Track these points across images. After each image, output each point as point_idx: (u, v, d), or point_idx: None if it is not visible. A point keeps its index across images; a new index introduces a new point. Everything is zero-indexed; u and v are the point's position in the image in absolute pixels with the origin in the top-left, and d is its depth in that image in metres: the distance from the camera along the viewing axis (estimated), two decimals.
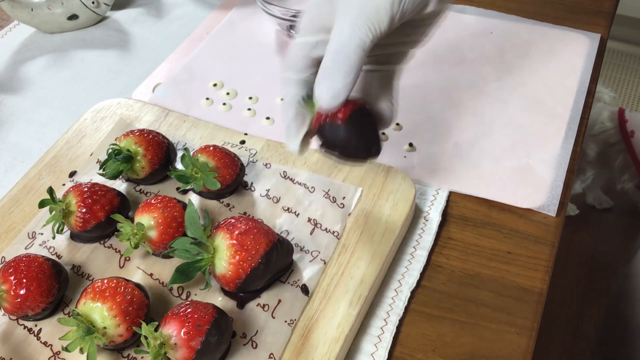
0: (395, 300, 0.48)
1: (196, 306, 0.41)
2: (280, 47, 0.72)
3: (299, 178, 0.54)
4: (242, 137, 0.58)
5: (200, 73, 0.68)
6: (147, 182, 0.54)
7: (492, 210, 0.54)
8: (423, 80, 0.66)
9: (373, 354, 0.45)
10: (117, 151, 0.51)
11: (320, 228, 0.50)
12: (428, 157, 0.58)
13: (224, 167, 0.50)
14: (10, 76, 0.70)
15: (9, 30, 0.77)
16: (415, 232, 0.52)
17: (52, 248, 0.49)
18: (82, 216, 0.47)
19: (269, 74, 0.68)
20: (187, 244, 0.43)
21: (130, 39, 0.75)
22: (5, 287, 0.43)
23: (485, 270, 0.50)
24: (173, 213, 0.47)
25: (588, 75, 0.66)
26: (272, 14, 0.69)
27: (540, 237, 0.52)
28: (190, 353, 0.39)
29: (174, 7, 0.80)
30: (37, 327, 0.45)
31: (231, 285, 0.44)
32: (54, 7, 0.73)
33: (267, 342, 0.43)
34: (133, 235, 0.45)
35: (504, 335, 0.46)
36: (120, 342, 0.41)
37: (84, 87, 0.68)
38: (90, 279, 0.47)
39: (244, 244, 0.43)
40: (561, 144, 0.59)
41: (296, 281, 0.46)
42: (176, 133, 0.59)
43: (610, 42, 0.75)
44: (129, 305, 0.41)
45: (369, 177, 0.53)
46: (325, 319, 0.44)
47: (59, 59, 0.72)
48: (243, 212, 0.51)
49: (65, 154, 0.57)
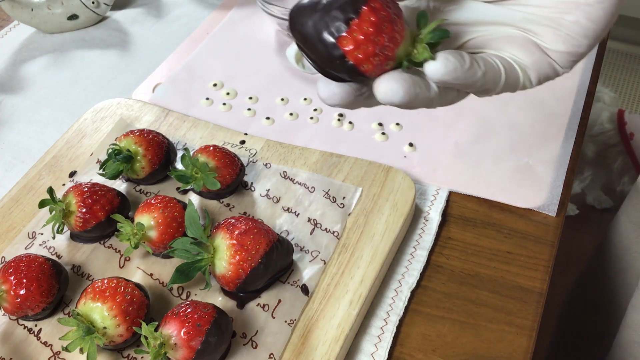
0: (395, 300, 0.48)
1: (196, 306, 0.41)
2: (280, 47, 0.72)
3: (298, 178, 0.54)
4: (242, 137, 0.58)
5: (200, 73, 0.68)
6: (147, 182, 0.54)
7: (492, 210, 0.54)
8: None
9: (373, 354, 0.45)
10: (117, 151, 0.51)
11: (320, 228, 0.50)
12: (428, 157, 0.58)
13: (224, 167, 0.50)
14: (10, 76, 0.70)
15: (9, 30, 0.77)
16: (415, 232, 0.52)
17: (52, 248, 0.49)
18: (82, 216, 0.47)
19: (269, 74, 0.68)
20: (187, 244, 0.43)
21: (130, 39, 0.75)
22: (5, 287, 0.43)
23: (485, 270, 0.50)
24: (173, 213, 0.47)
25: (588, 75, 0.66)
26: (272, 14, 0.69)
27: (540, 237, 0.52)
28: (190, 353, 0.39)
29: (174, 7, 0.80)
30: (37, 327, 0.45)
31: (231, 285, 0.44)
32: (54, 7, 0.73)
33: (267, 342, 0.43)
34: (133, 235, 0.45)
35: (504, 335, 0.46)
36: (120, 342, 0.41)
37: (84, 87, 0.68)
38: (90, 279, 0.47)
39: (244, 244, 0.43)
40: (561, 144, 0.59)
41: (296, 281, 0.46)
42: (176, 133, 0.59)
43: (610, 42, 0.75)
44: (129, 305, 0.41)
45: (369, 177, 0.53)
46: (325, 319, 0.44)
47: (59, 59, 0.72)
48: (243, 212, 0.51)
49: (65, 154, 0.57)
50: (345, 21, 0.31)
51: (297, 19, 0.32)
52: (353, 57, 0.31)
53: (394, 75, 0.32)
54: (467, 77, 0.32)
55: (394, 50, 0.31)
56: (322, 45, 0.31)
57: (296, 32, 0.32)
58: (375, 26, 0.30)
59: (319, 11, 0.31)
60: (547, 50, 0.34)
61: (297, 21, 0.32)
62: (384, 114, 0.62)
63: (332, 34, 0.31)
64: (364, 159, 0.54)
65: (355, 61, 0.31)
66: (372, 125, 0.61)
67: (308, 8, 0.32)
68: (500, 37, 0.35)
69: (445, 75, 0.31)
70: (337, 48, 0.31)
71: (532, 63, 0.34)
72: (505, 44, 0.35)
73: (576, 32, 0.33)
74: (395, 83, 0.31)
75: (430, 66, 0.32)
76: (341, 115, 0.63)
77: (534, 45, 0.34)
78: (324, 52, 0.31)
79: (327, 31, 0.31)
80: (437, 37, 0.32)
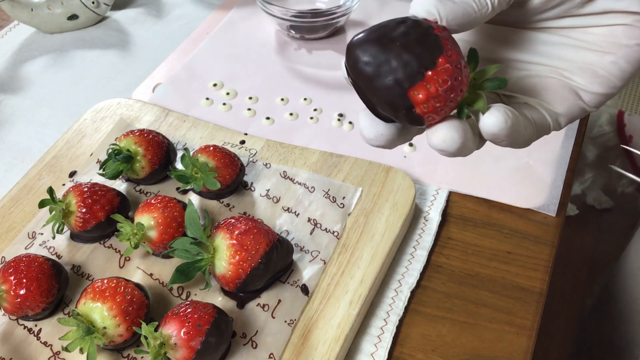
0: (395, 300, 0.48)
1: (196, 306, 0.41)
2: (280, 47, 0.72)
3: (298, 178, 0.54)
4: (242, 137, 0.58)
5: (200, 73, 0.68)
6: (147, 182, 0.54)
7: (492, 210, 0.54)
8: None
9: (373, 354, 0.45)
10: (117, 151, 0.51)
11: (320, 228, 0.50)
12: (428, 157, 0.58)
13: (224, 167, 0.50)
14: (10, 76, 0.70)
15: (9, 30, 0.77)
16: (415, 232, 0.52)
17: (52, 248, 0.49)
18: (82, 216, 0.47)
19: (269, 74, 0.68)
20: (187, 244, 0.43)
21: (130, 39, 0.75)
22: (5, 287, 0.43)
23: (485, 270, 0.50)
24: (173, 213, 0.47)
25: None
26: (272, 14, 0.69)
27: (540, 237, 0.52)
28: (190, 353, 0.39)
29: (174, 7, 0.80)
30: (37, 327, 0.45)
31: (231, 285, 0.44)
32: (54, 7, 0.73)
33: (267, 342, 0.43)
34: (133, 235, 0.45)
35: (504, 335, 0.46)
36: (120, 342, 0.41)
37: (84, 87, 0.68)
38: (90, 279, 0.47)
39: (244, 244, 0.43)
40: (561, 143, 0.59)
41: (296, 281, 0.46)
42: (176, 133, 0.59)
43: None
44: (129, 305, 0.41)
45: (369, 177, 0.53)
46: (325, 318, 0.44)
47: (59, 59, 0.72)
48: (243, 212, 0.51)
49: (65, 154, 0.57)
50: (420, 71, 0.28)
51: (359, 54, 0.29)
52: (420, 108, 0.29)
53: (454, 124, 0.30)
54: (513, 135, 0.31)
55: (458, 101, 0.30)
56: (387, 91, 0.28)
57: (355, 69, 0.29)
58: (450, 79, 0.28)
59: (388, 51, 0.28)
60: (580, 91, 0.34)
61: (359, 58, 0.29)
62: None
63: (403, 83, 0.28)
64: (364, 159, 0.54)
65: (421, 112, 0.29)
66: None
67: (373, 43, 0.29)
68: (536, 80, 0.34)
69: (500, 131, 0.30)
70: (407, 99, 0.28)
71: (565, 110, 0.34)
72: (541, 89, 0.34)
73: (613, 74, 0.33)
74: (456, 132, 0.30)
75: (487, 121, 0.30)
76: (341, 115, 0.63)
77: (568, 90, 0.34)
78: (388, 98, 0.29)
79: (398, 78, 0.28)
80: (495, 87, 0.30)
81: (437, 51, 0.28)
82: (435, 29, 0.29)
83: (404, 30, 0.28)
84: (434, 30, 0.28)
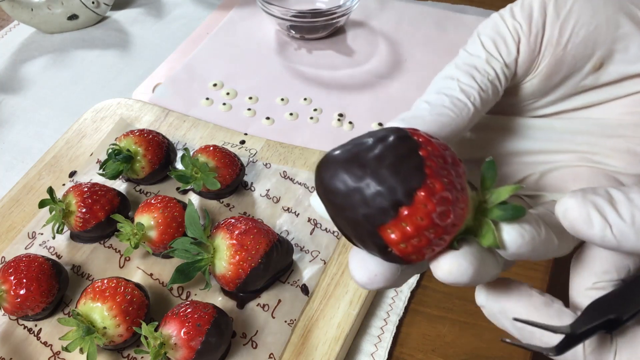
0: (395, 300, 0.48)
1: (196, 306, 0.41)
2: (280, 47, 0.72)
3: (298, 178, 0.54)
4: (242, 137, 0.58)
5: (200, 73, 0.68)
6: (147, 182, 0.54)
7: None
8: (424, 80, 0.66)
9: (373, 354, 0.45)
10: (117, 151, 0.51)
11: (320, 228, 0.50)
12: None
13: (224, 167, 0.50)
14: (10, 76, 0.70)
15: (9, 30, 0.77)
16: None
17: (52, 248, 0.49)
18: (82, 216, 0.47)
19: (269, 74, 0.68)
20: (187, 244, 0.43)
21: (130, 39, 0.75)
22: (5, 287, 0.43)
23: None
24: (173, 213, 0.47)
25: None
26: (272, 14, 0.69)
27: None
28: (190, 353, 0.39)
29: (174, 7, 0.80)
30: (37, 327, 0.45)
31: (231, 285, 0.44)
32: (54, 7, 0.73)
33: (267, 342, 0.43)
34: (133, 235, 0.45)
35: (504, 335, 0.46)
36: (120, 342, 0.41)
37: (84, 87, 0.68)
38: (90, 279, 0.47)
39: (244, 244, 0.43)
40: None
41: (296, 281, 0.46)
42: (176, 133, 0.59)
43: None
44: (129, 305, 0.41)
45: None
46: (325, 318, 0.44)
47: (59, 59, 0.72)
48: (243, 212, 0.51)
49: (65, 154, 0.57)
50: (393, 206, 0.22)
51: (326, 178, 0.23)
52: (398, 249, 0.23)
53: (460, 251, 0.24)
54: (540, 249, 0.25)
55: (452, 236, 0.23)
56: (356, 226, 0.23)
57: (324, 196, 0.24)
58: (431, 217, 0.22)
59: (356, 177, 0.22)
60: (619, 176, 0.29)
61: (326, 182, 0.23)
62: (384, 114, 0.62)
63: (373, 220, 0.22)
64: None
65: (400, 253, 0.23)
66: (372, 125, 0.61)
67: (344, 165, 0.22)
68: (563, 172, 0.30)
69: (521, 248, 0.24)
70: (379, 237, 0.22)
71: None
72: (571, 182, 0.29)
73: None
74: (464, 260, 0.23)
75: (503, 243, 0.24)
76: (341, 115, 0.63)
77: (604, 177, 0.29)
78: (359, 236, 0.23)
79: (366, 213, 0.22)
80: (509, 217, 0.24)
81: (416, 181, 0.22)
82: (422, 147, 0.22)
83: (382, 150, 0.22)
84: (419, 150, 0.22)
